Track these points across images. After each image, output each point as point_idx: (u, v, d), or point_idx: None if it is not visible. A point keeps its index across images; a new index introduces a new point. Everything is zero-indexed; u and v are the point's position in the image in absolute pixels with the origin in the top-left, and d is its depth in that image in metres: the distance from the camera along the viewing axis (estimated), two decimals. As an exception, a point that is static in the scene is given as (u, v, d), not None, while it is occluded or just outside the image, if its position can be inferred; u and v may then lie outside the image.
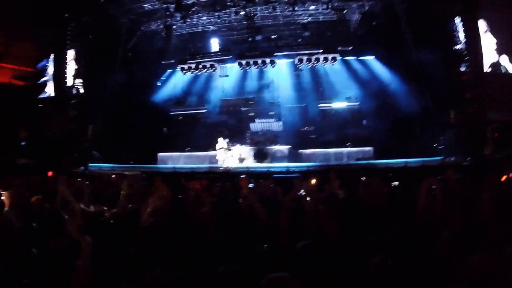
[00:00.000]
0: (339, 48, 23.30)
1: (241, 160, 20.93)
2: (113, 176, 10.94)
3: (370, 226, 5.17)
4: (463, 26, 18.76)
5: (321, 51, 23.23)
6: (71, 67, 21.10)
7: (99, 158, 20.39)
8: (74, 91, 21.01)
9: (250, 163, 20.68)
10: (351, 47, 23.41)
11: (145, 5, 22.83)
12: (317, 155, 21.90)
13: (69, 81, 21.12)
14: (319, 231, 4.87)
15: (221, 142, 20.80)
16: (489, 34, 19.42)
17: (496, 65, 19.09)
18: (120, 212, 5.55)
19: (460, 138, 18.34)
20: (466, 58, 18.71)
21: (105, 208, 6.22)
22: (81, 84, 21.19)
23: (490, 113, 17.84)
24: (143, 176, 10.16)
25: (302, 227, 5.24)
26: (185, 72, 24.34)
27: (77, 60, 21.17)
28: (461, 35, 19.00)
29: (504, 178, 9.14)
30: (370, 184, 7.74)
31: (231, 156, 20.84)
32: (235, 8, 23.13)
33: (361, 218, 5.62)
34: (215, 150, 21.08)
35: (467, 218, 5.06)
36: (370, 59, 25.26)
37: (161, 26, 24.71)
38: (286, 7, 23.20)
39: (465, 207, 5.53)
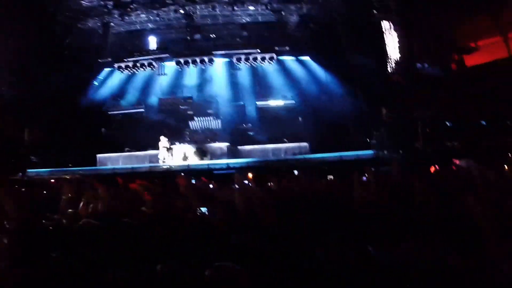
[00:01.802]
0: (276, 48, 23.86)
1: (185, 158, 21.03)
2: (52, 180, 10.78)
3: (307, 218, 5.46)
4: (396, 30, 19.72)
5: (258, 50, 23.73)
6: (5, 66, 20.20)
7: (36, 163, 19.78)
8: (7, 93, 20.16)
9: (194, 161, 20.81)
10: (287, 48, 24.02)
11: (83, 2, 22.27)
12: (255, 151, 22.47)
13: (2, 82, 20.14)
14: (255, 224, 5.12)
15: (164, 141, 20.85)
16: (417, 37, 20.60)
17: (429, 68, 20.37)
18: (60, 217, 5.55)
19: (392, 134, 19.27)
20: (398, 60, 19.72)
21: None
22: (14, 86, 20.33)
23: (419, 110, 18.91)
24: (83, 179, 10.06)
25: (238, 221, 5.48)
26: (123, 71, 24.03)
27: (10, 59, 20.31)
28: (394, 39, 19.99)
29: (433, 168, 9.81)
30: (302, 178, 8.06)
31: (171, 155, 20.92)
32: (175, 7, 23.08)
33: (296, 211, 5.90)
34: (156, 149, 21.12)
35: (399, 207, 5.49)
36: (306, 59, 25.97)
37: (99, 24, 24.26)
38: (225, 7, 23.44)
39: (398, 197, 5.96)
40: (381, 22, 20.74)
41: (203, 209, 5.98)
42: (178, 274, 3.46)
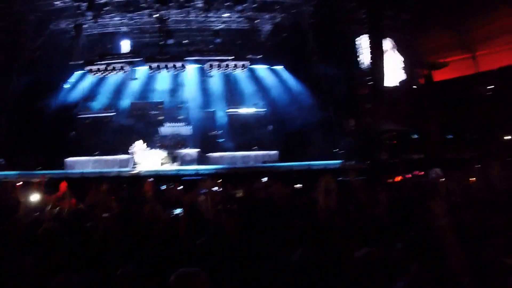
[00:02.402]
0: (249, 56, 24.08)
1: (162, 163, 20.96)
2: (18, 184, 10.61)
3: (271, 224, 5.57)
4: (368, 45, 20.15)
5: (231, 58, 23.86)
6: None
7: (4, 165, 19.38)
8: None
9: (164, 166, 20.73)
10: (260, 56, 24.27)
11: (56, 2, 21.88)
12: (225, 158, 22.61)
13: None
14: (219, 229, 5.20)
15: (139, 145, 20.72)
16: (396, 52, 21.10)
17: (403, 82, 20.87)
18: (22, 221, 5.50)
19: (358, 144, 19.67)
20: (368, 74, 20.15)
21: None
22: None
23: (386, 123, 19.38)
24: (48, 182, 9.91)
25: (203, 225, 5.56)
26: (94, 74, 23.68)
27: None
28: (365, 53, 20.42)
29: (398, 178, 10.09)
30: (270, 186, 8.18)
31: (143, 160, 20.78)
32: (149, 11, 22.98)
33: (261, 217, 6.02)
34: (126, 153, 21.02)
35: (362, 215, 5.64)
36: (278, 68, 26.31)
37: (71, 25, 23.79)
38: (200, 13, 23.50)
39: (361, 205, 6.13)
40: (353, 34, 21.18)
41: (178, 211, 6.03)
42: (139, 278, 3.56)
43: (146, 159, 20.92)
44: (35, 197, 7.11)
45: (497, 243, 3.40)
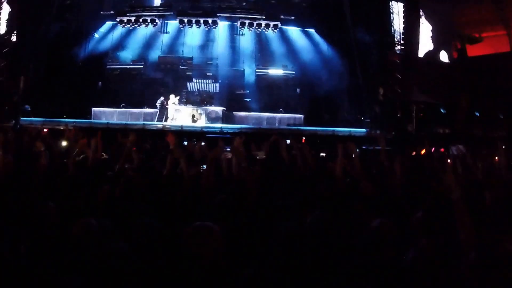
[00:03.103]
0: (282, 17, 23.72)
1: (195, 120, 21.11)
2: (45, 130, 10.84)
3: (292, 186, 5.59)
4: (403, 12, 19.62)
5: (263, 17, 23.51)
6: (4, 12, 19.20)
7: (30, 112, 19.67)
8: (6, 39, 19.32)
9: (200, 123, 20.89)
10: (293, 17, 23.87)
11: None
12: (250, 118, 22.70)
13: (2, 28, 19.25)
14: (241, 186, 5.26)
15: (173, 99, 20.82)
16: (424, 21, 20.50)
17: (431, 53, 20.37)
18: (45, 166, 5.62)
19: (386, 114, 19.46)
20: (401, 42, 19.69)
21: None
22: (13, 32, 19.36)
23: (415, 94, 19.07)
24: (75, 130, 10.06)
25: (225, 182, 5.63)
26: (124, 25, 23.52)
27: (10, 5, 19.34)
28: (400, 20, 19.89)
29: (423, 151, 10.00)
30: (294, 148, 8.17)
31: (173, 114, 20.93)
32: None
33: (282, 178, 6.05)
34: (152, 107, 21.27)
35: (381, 184, 5.64)
36: (310, 31, 25.79)
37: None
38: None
39: (382, 175, 6.11)
40: (391, 2, 20.59)
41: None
42: (154, 230, 3.62)
43: (177, 114, 21.10)
44: (61, 144, 7.27)
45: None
